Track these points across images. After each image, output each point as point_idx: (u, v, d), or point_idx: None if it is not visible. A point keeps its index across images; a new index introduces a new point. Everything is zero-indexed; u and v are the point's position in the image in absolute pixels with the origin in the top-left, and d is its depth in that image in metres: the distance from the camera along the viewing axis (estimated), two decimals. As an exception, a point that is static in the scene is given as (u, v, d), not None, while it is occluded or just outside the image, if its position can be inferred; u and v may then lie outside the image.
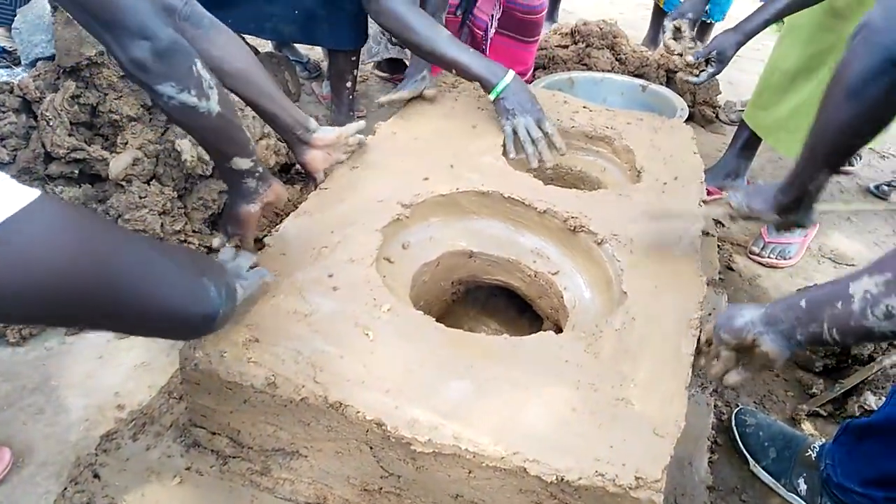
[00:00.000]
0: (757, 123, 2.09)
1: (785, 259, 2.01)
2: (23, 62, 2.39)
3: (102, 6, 0.90)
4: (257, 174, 1.18)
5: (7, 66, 2.53)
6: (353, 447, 1.02)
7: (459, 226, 1.45)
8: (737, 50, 1.83)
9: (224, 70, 1.25)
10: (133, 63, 0.94)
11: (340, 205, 1.36)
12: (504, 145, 1.62)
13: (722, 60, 1.84)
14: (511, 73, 1.64)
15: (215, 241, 1.24)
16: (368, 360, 1.03)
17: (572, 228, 1.37)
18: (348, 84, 2.22)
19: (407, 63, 2.46)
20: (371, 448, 1.00)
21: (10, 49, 2.65)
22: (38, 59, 2.30)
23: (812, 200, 1.18)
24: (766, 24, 1.79)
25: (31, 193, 0.53)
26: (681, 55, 1.87)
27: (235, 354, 1.03)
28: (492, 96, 1.63)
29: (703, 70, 1.86)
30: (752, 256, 2.03)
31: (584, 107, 1.82)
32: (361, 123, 1.52)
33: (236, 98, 1.31)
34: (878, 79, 0.96)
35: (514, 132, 1.61)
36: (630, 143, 1.67)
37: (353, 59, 2.17)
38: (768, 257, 2.00)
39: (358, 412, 0.96)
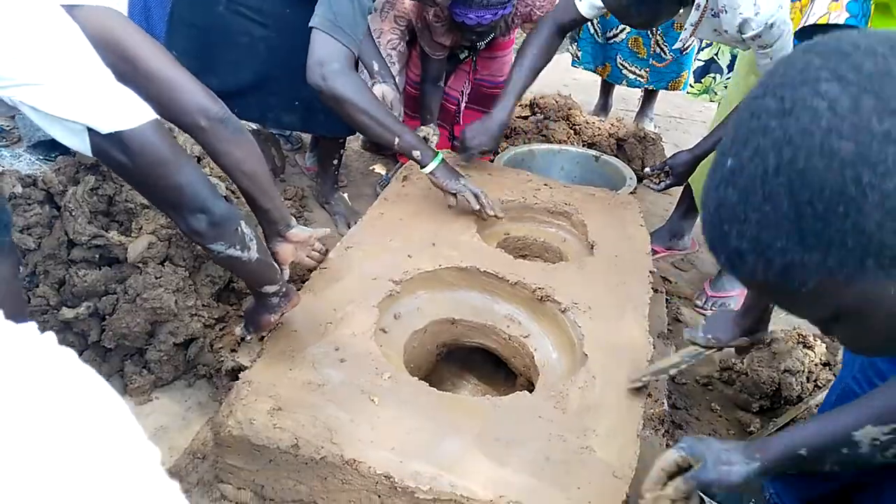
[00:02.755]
0: (697, 187, 2.38)
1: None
2: (25, 144, 2.58)
3: (167, 190, 1.11)
4: (281, 293, 1.37)
5: (7, 146, 2.70)
6: (364, 497, 1.21)
7: (443, 297, 1.67)
8: (688, 167, 2.14)
9: (241, 169, 1.44)
10: (192, 231, 1.16)
11: (339, 283, 1.57)
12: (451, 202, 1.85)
13: (675, 175, 2.14)
14: (440, 155, 1.85)
15: (237, 330, 1.47)
16: (375, 422, 1.23)
17: (540, 298, 1.61)
18: (335, 162, 2.45)
19: None
20: (380, 497, 1.20)
21: (8, 129, 2.82)
22: (40, 142, 2.49)
23: (770, 313, 1.35)
24: (716, 145, 2.08)
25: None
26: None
27: (263, 422, 1.22)
28: (426, 171, 1.83)
29: (661, 181, 2.18)
30: (697, 309, 2.29)
31: (545, 184, 2.07)
32: (327, 230, 1.66)
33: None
34: None
35: (466, 188, 1.83)
36: (584, 217, 1.93)
37: (341, 140, 2.40)
38: (711, 309, 2.26)
39: (369, 467, 1.16)
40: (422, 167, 1.84)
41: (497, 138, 2.10)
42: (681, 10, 1.86)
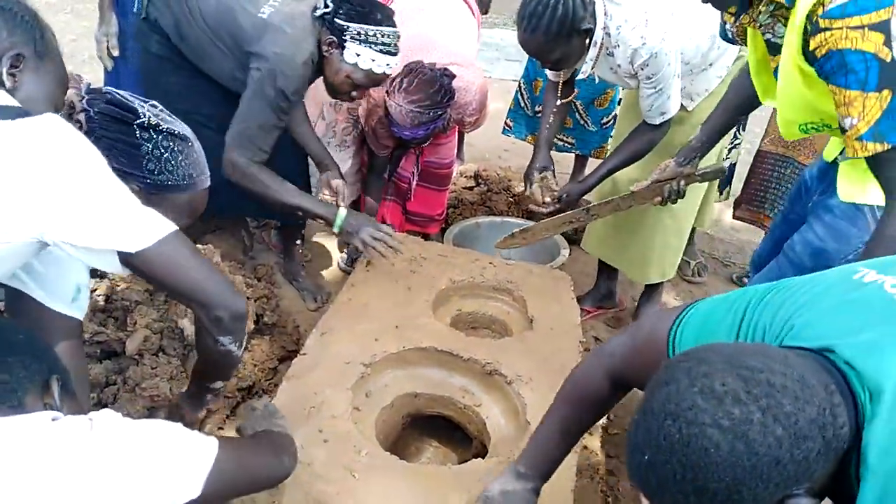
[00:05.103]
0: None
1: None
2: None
3: (195, 291, 1.25)
4: (218, 392, 1.56)
5: None
6: (350, 558, 1.47)
7: (406, 374, 1.94)
8: (580, 196, 2.48)
9: None
10: (214, 320, 1.28)
11: (317, 369, 1.83)
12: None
13: (570, 205, 2.44)
14: (343, 209, 2.17)
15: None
16: (356, 494, 1.49)
17: (489, 372, 1.90)
18: (297, 241, 2.72)
19: None
20: (364, 557, 1.46)
21: None
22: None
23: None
24: (602, 178, 2.40)
25: (214, 444, 1.02)
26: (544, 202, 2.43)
27: (263, 498, 1.47)
28: (336, 229, 2.14)
29: (547, 201, 2.43)
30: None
31: (490, 262, 2.38)
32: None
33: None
34: None
35: (364, 244, 2.13)
36: (524, 293, 2.24)
37: (300, 223, 2.67)
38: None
39: (355, 534, 1.42)
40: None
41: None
42: (588, 50, 2.11)
